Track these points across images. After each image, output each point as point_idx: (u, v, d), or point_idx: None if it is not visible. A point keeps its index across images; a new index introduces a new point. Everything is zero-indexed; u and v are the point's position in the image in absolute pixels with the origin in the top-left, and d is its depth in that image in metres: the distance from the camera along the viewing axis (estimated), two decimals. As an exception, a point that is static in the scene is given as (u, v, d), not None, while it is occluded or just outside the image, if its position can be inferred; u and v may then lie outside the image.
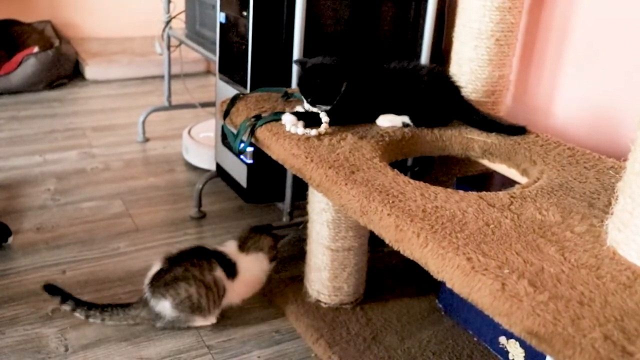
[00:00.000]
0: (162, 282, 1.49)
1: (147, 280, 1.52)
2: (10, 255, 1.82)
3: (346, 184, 1.13)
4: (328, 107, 1.40)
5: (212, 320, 1.56)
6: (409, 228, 0.98)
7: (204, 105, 2.81)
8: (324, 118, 1.39)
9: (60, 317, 1.56)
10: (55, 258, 1.82)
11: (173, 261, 1.52)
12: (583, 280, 0.86)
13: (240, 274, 1.56)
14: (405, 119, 1.44)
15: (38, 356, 1.42)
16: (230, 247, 1.60)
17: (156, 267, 1.53)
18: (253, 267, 1.60)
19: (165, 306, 1.48)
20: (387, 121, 1.44)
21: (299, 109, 1.47)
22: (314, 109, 1.42)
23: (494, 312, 0.83)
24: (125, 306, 1.53)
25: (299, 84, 1.43)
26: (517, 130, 1.45)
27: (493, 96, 1.67)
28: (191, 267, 1.50)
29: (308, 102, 1.41)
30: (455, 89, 1.48)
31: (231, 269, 1.55)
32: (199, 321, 1.54)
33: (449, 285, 0.91)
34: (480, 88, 1.66)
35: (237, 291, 1.57)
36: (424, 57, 1.93)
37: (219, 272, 1.52)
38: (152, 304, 1.49)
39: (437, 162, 1.87)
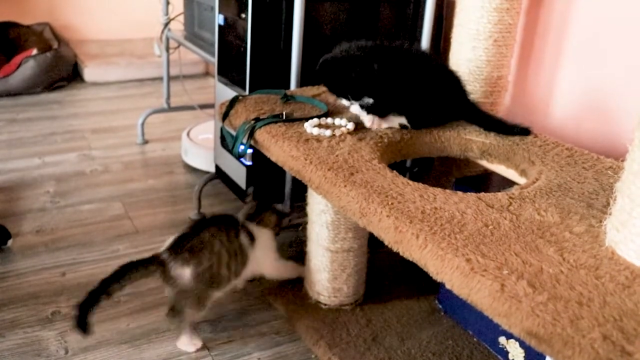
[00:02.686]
0: (187, 247, 1.43)
1: (166, 244, 1.45)
2: (10, 258, 1.82)
3: (345, 186, 1.13)
4: (371, 101, 1.37)
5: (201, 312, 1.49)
6: (408, 229, 0.98)
7: (203, 107, 2.81)
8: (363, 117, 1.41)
9: (60, 320, 1.56)
10: (54, 260, 1.82)
11: (199, 226, 1.48)
12: (582, 281, 0.86)
13: (256, 243, 1.56)
14: (402, 120, 1.44)
15: (38, 359, 1.42)
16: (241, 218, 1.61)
17: (177, 233, 1.47)
18: (262, 241, 1.58)
19: (185, 274, 1.42)
20: (384, 122, 1.44)
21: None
22: (356, 106, 1.39)
23: (494, 313, 0.83)
24: (140, 264, 1.41)
25: (331, 87, 1.40)
26: (522, 131, 1.45)
27: (491, 97, 1.67)
28: (218, 232, 1.47)
29: (348, 98, 1.38)
30: (462, 89, 1.49)
31: (252, 235, 1.55)
32: (214, 296, 1.48)
33: (448, 286, 0.91)
34: (478, 89, 1.66)
35: (253, 263, 1.55)
36: (423, 58, 1.93)
37: (245, 239, 1.52)
38: (171, 267, 1.42)
39: (436, 163, 1.87)
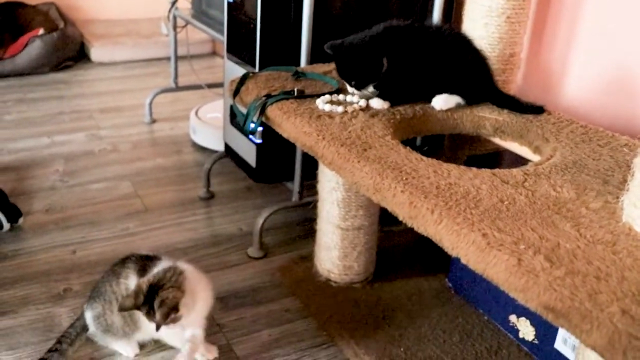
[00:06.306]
0: (95, 289, 1.36)
1: None
2: (21, 236, 1.82)
3: (359, 162, 1.12)
4: (374, 87, 1.39)
5: (133, 350, 1.38)
6: (422, 204, 0.98)
7: (211, 86, 2.80)
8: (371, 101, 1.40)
9: (71, 297, 1.57)
10: (65, 239, 1.82)
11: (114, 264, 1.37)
12: (599, 256, 0.85)
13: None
14: (458, 98, 1.43)
15: (50, 335, 1.43)
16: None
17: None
18: None
19: (88, 317, 1.36)
20: (442, 102, 1.42)
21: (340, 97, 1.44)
22: (362, 92, 1.40)
23: (510, 287, 0.83)
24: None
25: (338, 70, 1.41)
26: (535, 109, 1.44)
27: (504, 74, 1.65)
28: (111, 275, 1.33)
29: (352, 85, 1.40)
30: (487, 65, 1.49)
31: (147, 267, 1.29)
32: (117, 345, 1.37)
33: (464, 261, 0.90)
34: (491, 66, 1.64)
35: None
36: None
37: (133, 280, 1.27)
38: (84, 310, 1.37)
39: (446, 142, 1.86)
